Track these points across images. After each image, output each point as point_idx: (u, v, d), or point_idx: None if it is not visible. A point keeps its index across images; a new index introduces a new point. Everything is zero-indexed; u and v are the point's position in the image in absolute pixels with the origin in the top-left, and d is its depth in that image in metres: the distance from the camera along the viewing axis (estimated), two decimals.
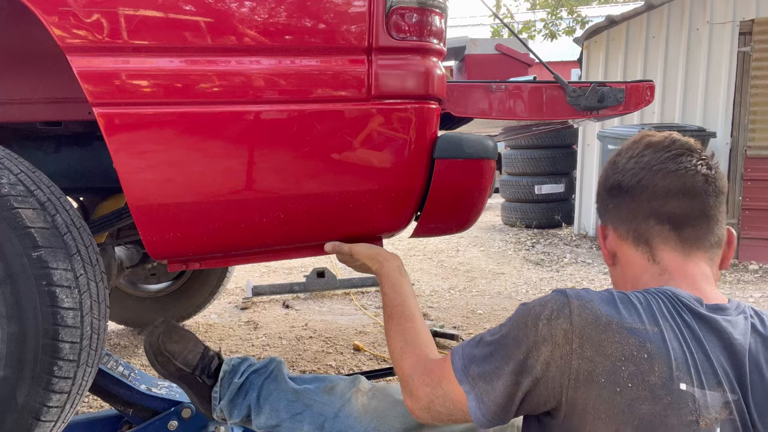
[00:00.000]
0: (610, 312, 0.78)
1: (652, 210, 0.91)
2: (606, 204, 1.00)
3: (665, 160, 0.91)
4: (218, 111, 1.25)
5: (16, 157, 1.25)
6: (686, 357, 0.76)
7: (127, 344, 3.08)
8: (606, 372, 0.75)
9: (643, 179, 0.92)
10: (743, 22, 4.90)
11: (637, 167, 0.93)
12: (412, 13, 1.29)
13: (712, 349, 0.79)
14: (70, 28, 1.17)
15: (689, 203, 0.89)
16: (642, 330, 0.76)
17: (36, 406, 1.14)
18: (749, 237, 4.95)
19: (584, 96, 1.59)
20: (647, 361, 0.75)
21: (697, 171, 0.90)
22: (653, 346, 0.75)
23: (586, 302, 0.80)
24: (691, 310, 0.82)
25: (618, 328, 0.77)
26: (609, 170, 0.99)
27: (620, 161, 0.97)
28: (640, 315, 0.79)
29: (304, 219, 1.37)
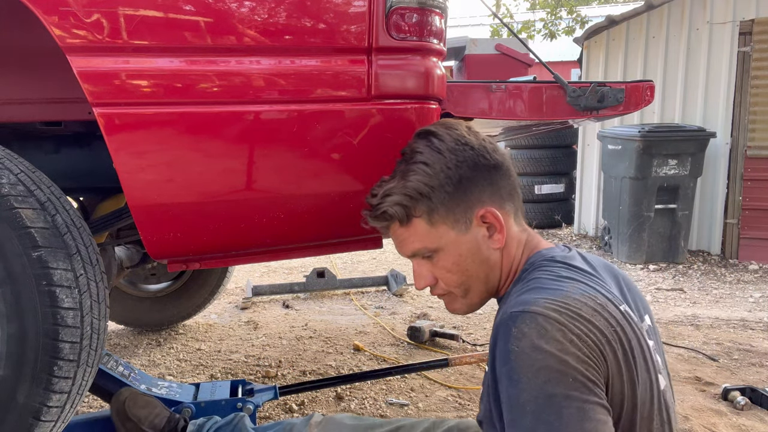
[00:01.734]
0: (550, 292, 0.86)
1: (515, 183, 1.02)
2: (482, 186, 0.97)
3: (492, 142, 1.02)
4: (218, 111, 1.25)
5: (16, 157, 1.25)
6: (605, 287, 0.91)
7: (127, 344, 3.08)
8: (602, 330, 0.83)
9: (504, 159, 1.00)
10: (743, 22, 4.90)
11: (493, 148, 1.00)
12: (412, 13, 1.29)
13: (601, 275, 0.96)
14: (70, 28, 1.17)
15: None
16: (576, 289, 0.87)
17: (36, 406, 1.14)
18: (749, 237, 4.95)
19: (584, 96, 1.59)
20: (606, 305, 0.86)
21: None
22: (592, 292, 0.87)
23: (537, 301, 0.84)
24: (571, 258, 0.98)
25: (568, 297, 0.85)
26: (474, 151, 0.98)
27: (475, 143, 0.98)
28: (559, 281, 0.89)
29: (304, 219, 1.37)
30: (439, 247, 0.98)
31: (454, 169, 0.95)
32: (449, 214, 0.96)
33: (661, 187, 4.66)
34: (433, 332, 3.04)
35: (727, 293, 4.12)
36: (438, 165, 0.96)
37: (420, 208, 0.97)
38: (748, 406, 2.26)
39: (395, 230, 1.02)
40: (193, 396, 1.82)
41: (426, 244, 0.99)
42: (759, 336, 3.20)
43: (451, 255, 0.98)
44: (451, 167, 0.95)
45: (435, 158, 0.96)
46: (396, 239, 1.03)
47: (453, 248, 0.98)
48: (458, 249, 0.98)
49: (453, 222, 0.97)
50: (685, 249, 4.89)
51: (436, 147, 0.97)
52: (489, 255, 0.99)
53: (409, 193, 0.96)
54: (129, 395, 1.53)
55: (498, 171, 0.99)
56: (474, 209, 0.97)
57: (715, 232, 5.12)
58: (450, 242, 0.98)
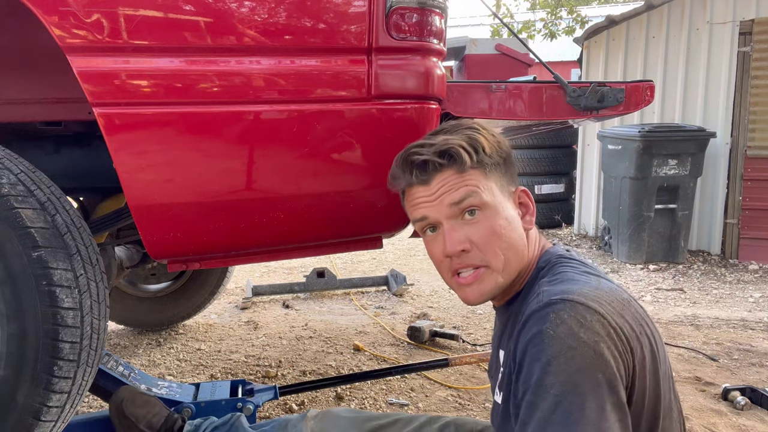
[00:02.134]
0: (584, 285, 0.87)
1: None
2: (513, 167, 1.04)
3: None
4: (218, 111, 1.25)
5: (16, 157, 1.25)
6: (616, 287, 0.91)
7: (127, 344, 3.08)
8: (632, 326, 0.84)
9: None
10: (743, 22, 4.90)
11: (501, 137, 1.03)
12: (412, 13, 1.29)
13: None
14: (70, 28, 1.17)
15: None
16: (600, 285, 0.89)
17: (36, 406, 1.14)
18: (749, 237, 4.95)
19: (584, 96, 1.59)
20: (631, 301, 0.89)
21: None
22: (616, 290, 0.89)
23: (577, 291, 0.85)
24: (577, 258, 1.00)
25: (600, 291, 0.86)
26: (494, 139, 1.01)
27: (495, 132, 1.02)
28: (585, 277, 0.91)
29: (304, 219, 1.37)
30: (489, 203, 0.96)
31: (503, 146, 1.02)
32: (501, 177, 1.00)
33: (661, 187, 4.65)
34: (433, 332, 3.04)
35: (727, 293, 4.12)
36: (490, 137, 1.01)
37: (481, 159, 0.97)
38: (748, 406, 2.26)
39: (446, 178, 0.97)
40: (193, 396, 1.82)
41: (479, 194, 0.95)
42: (759, 336, 3.20)
43: (498, 217, 0.96)
44: (500, 143, 1.02)
45: (486, 133, 1.01)
46: (443, 187, 0.97)
47: (500, 210, 0.97)
48: (504, 213, 0.97)
49: (502, 186, 1.00)
50: (685, 249, 4.89)
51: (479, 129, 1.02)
52: (522, 234, 0.99)
53: (473, 144, 0.98)
54: (127, 394, 1.54)
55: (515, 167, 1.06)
56: (513, 186, 1.03)
57: (715, 232, 5.12)
58: (499, 203, 0.97)
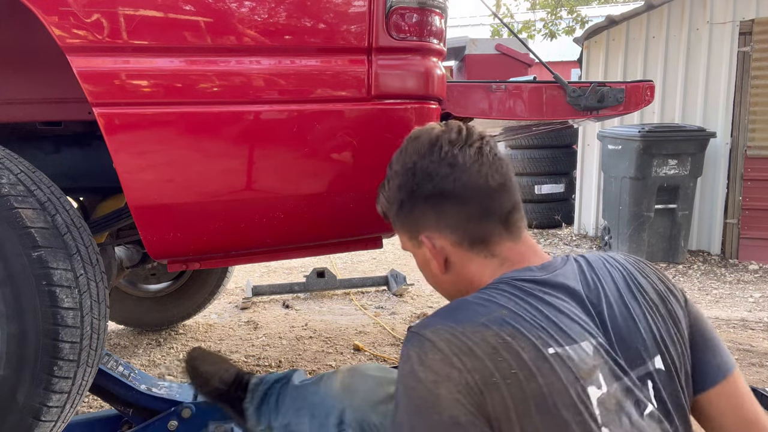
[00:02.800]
0: (460, 319, 0.79)
1: (484, 211, 0.90)
2: (424, 213, 0.93)
3: (476, 157, 0.89)
4: (218, 111, 1.25)
5: (16, 157, 1.25)
6: (542, 322, 0.78)
7: (127, 344, 3.08)
8: (492, 370, 0.74)
9: (468, 183, 0.88)
10: (743, 22, 4.90)
11: (454, 171, 0.89)
12: (412, 13, 1.29)
13: (564, 304, 0.82)
14: (70, 28, 1.17)
15: (509, 192, 0.91)
16: (494, 319, 0.77)
17: (36, 406, 1.14)
18: (749, 237, 4.95)
19: (584, 96, 1.59)
20: (514, 342, 0.75)
21: (498, 157, 0.91)
22: (508, 328, 0.77)
23: (436, 325, 0.80)
24: (531, 279, 0.85)
25: (473, 328, 0.77)
26: (417, 178, 0.91)
27: (429, 166, 0.90)
28: (485, 307, 0.80)
29: (304, 219, 1.37)
30: (408, 250, 1.03)
31: (396, 192, 0.96)
32: (404, 228, 0.99)
33: (661, 187, 4.66)
34: None
35: (727, 293, 4.11)
36: (390, 185, 0.98)
37: (388, 215, 1.02)
38: None
39: None
40: (193, 396, 1.82)
41: (402, 243, 1.03)
42: (759, 336, 3.20)
43: (417, 260, 1.02)
44: (394, 190, 0.97)
45: (389, 177, 0.99)
46: None
47: (415, 256, 1.01)
48: (417, 258, 1.01)
49: (408, 235, 0.99)
50: (685, 249, 4.89)
51: (392, 165, 0.98)
52: (436, 273, 0.97)
53: (378, 202, 1.04)
54: (198, 354, 1.56)
55: (444, 198, 0.90)
56: (419, 231, 0.96)
57: (715, 232, 5.12)
58: (411, 250, 1.01)
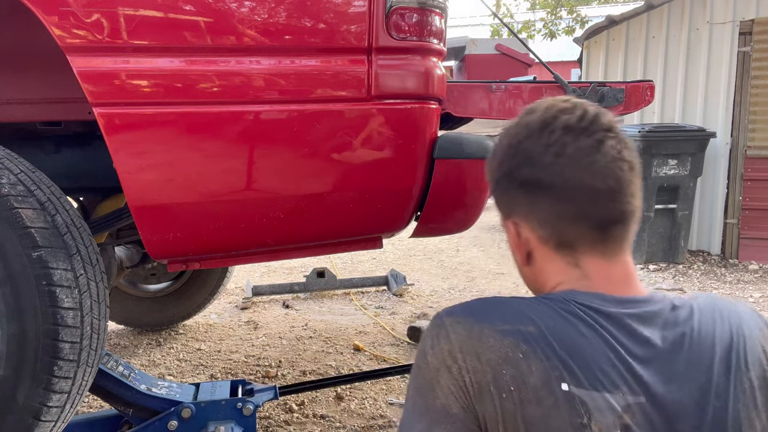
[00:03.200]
0: (483, 317, 0.74)
1: (581, 213, 0.78)
2: (515, 198, 0.83)
3: (590, 151, 0.76)
4: (218, 111, 1.25)
5: (16, 157, 1.25)
6: (569, 355, 0.70)
7: (127, 344, 3.08)
8: (491, 380, 0.70)
9: (571, 178, 0.77)
10: (743, 22, 4.90)
11: (559, 162, 0.77)
12: (412, 13, 1.29)
13: (614, 346, 0.71)
14: (70, 28, 1.17)
15: (619, 201, 0.77)
16: (516, 330, 0.71)
17: (36, 406, 1.14)
18: (749, 237, 4.95)
19: (584, 96, 1.59)
20: (524, 362, 0.69)
21: (621, 157, 0.77)
22: (526, 347, 0.70)
23: (458, 314, 0.76)
24: (595, 308, 0.74)
25: (491, 331, 0.72)
26: (517, 159, 0.81)
27: (533, 150, 0.79)
28: (516, 316, 0.73)
29: (304, 219, 1.37)
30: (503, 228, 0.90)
31: (496, 168, 0.85)
32: (498, 205, 0.88)
33: (661, 187, 4.65)
34: None
35: (727, 293, 4.11)
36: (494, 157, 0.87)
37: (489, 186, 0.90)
38: None
39: None
40: (193, 396, 1.82)
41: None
42: None
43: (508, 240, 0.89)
44: (495, 165, 0.86)
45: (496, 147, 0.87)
46: None
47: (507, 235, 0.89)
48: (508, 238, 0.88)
49: (502, 214, 0.88)
50: (685, 249, 4.89)
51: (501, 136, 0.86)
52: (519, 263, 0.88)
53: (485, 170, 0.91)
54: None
55: (540, 189, 0.79)
56: (510, 214, 0.85)
57: (715, 232, 5.12)
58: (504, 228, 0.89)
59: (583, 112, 0.79)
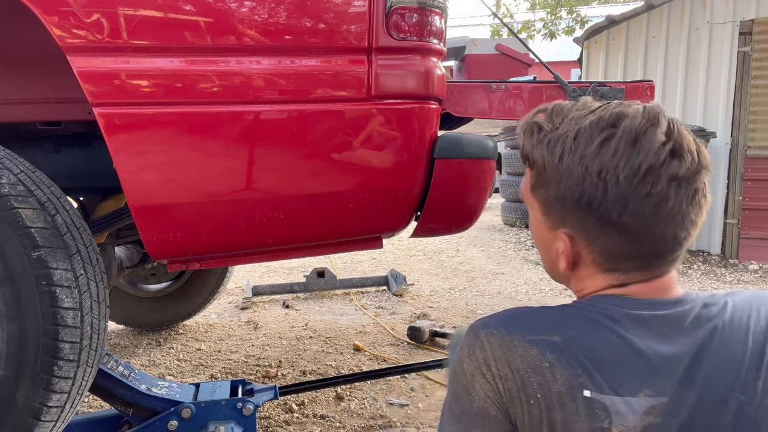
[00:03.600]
0: (514, 329, 0.77)
1: (651, 254, 0.77)
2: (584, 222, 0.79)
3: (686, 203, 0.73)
4: (218, 111, 1.25)
5: (16, 157, 1.25)
6: (592, 363, 0.72)
7: (127, 344, 3.08)
8: (520, 387, 0.74)
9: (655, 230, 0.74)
10: (743, 22, 4.90)
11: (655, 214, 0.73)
12: (412, 13, 1.29)
13: (638, 351, 0.73)
14: (70, 28, 1.17)
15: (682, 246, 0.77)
16: (542, 341, 0.74)
17: (36, 406, 1.14)
18: (749, 237, 4.95)
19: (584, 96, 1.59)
20: (549, 370, 0.72)
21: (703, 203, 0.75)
22: (554, 355, 0.73)
23: (492, 326, 0.78)
24: (624, 314, 0.75)
25: (520, 342, 0.75)
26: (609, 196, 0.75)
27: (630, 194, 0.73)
28: (543, 326, 0.76)
29: (304, 219, 1.37)
30: (529, 207, 0.88)
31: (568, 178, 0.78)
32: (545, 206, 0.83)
33: None
34: (433, 332, 3.04)
35: None
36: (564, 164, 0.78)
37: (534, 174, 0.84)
38: None
39: None
40: (193, 396, 1.82)
41: (524, 194, 0.88)
42: None
43: (533, 226, 0.89)
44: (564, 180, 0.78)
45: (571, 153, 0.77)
46: None
47: (535, 223, 0.87)
48: (538, 229, 0.87)
49: (546, 216, 0.84)
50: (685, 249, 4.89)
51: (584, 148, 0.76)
52: (556, 262, 0.85)
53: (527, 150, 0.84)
54: None
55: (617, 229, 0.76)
56: (565, 225, 0.81)
57: (715, 232, 5.12)
58: (535, 217, 0.87)
59: (692, 156, 0.73)
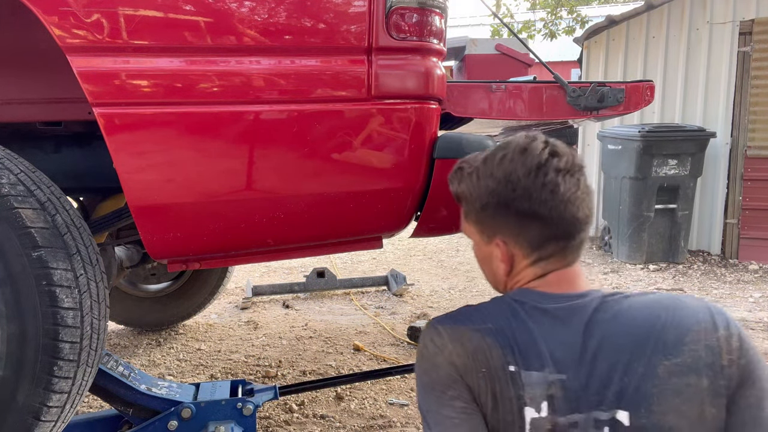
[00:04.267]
0: (462, 321, 0.98)
1: (563, 235, 0.97)
2: (507, 222, 0.99)
3: (575, 188, 0.95)
4: (218, 111, 1.25)
5: (16, 157, 1.25)
6: (515, 343, 0.93)
7: (127, 344, 3.08)
8: (471, 361, 0.93)
9: (563, 212, 0.95)
10: (743, 22, 4.90)
11: (554, 198, 0.94)
12: (412, 13, 1.29)
13: (544, 336, 0.93)
14: (70, 28, 1.17)
15: (589, 225, 0.99)
16: (482, 328, 0.94)
17: (36, 406, 1.14)
18: (749, 237, 4.95)
19: (584, 96, 1.59)
20: (488, 350, 0.92)
21: (588, 189, 0.97)
22: (490, 338, 0.93)
23: (445, 321, 0.99)
24: (533, 306, 0.96)
25: (466, 329, 0.95)
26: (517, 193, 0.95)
27: (530, 186, 0.95)
28: (481, 317, 0.96)
29: (304, 219, 1.37)
30: (469, 237, 1.11)
31: (485, 193, 1.00)
32: (478, 224, 1.05)
33: (661, 187, 4.65)
34: None
35: (727, 293, 4.11)
36: (480, 183, 1.01)
37: (462, 203, 1.08)
38: None
39: None
40: (193, 396, 1.82)
41: (463, 228, 1.11)
42: (759, 336, 3.20)
43: (476, 250, 1.10)
44: (483, 190, 1.00)
45: (483, 174, 1.01)
46: None
47: (476, 247, 1.09)
48: (481, 251, 1.08)
49: (480, 232, 1.05)
50: (685, 249, 4.89)
51: (491, 166, 1.00)
52: (497, 269, 1.06)
53: (455, 190, 1.08)
54: None
55: (535, 219, 0.96)
56: (495, 234, 1.02)
57: (715, 232, 5.12)
58: (476, 242, 1.08)
59: (567, 157, 0.96)
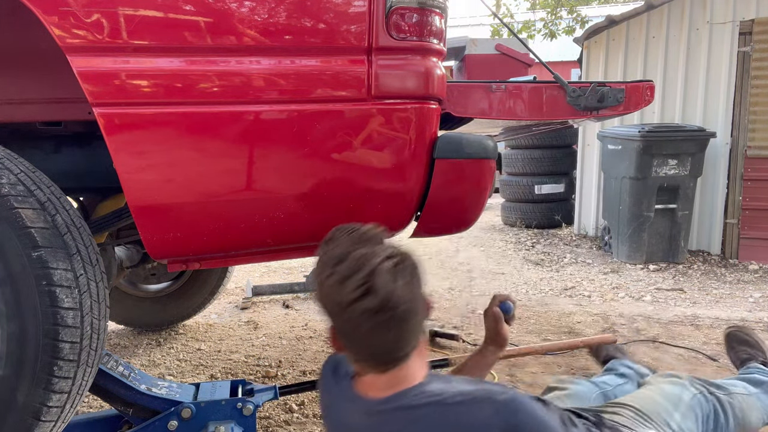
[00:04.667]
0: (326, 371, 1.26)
1: (359, 352, 1.10)
2: (337, 320, 1.09)
3: (377, 326, 1.04)
4: (218, 111, 1.25)
5: (16, 157, 1.25)
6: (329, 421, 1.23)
7: (127, 344, 3.08)
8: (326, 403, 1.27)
9: (366, 347, 1.08)
10: (743, 22, 4.90)
11: (355, 334, 1.06)
12: (412, 13, 1.29)
13: (345, 421, 1.17)
14: (70, 28, 1.17)
15: (385, 344, 1.07)
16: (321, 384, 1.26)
17: (36, 406, 1.15)
18: (749, 237, 4.95)
19: (584, 96, 1.59)
20: (325, 412, 1.26)
21: (395, 322, 1.04)
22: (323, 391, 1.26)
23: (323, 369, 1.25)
24: (352, 399, 1.15)
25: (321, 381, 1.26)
26: (330, 310, 1.08)
27: (339, 314, 1.06)
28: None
29: (304, 219, 1.37)
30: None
31: (321, 304, 1.12)
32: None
33: (661, 187, 4.65)
34: (433, 332, 3.04)
35: (727, 293, 4.11)
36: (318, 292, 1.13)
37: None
38: None
39: None
40: (193, 396, 1.82)
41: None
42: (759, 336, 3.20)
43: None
44: (321, 303, 1.12)
45: (318, 283, 1.12)
46: None
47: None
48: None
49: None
50: (685, 249, 4.89)
51: (321, 279, 1.08)
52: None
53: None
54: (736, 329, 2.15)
55: (349, 342, 1.10)
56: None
57: (715, 232, 5.12)
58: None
59: (384, 293, 1.01)
